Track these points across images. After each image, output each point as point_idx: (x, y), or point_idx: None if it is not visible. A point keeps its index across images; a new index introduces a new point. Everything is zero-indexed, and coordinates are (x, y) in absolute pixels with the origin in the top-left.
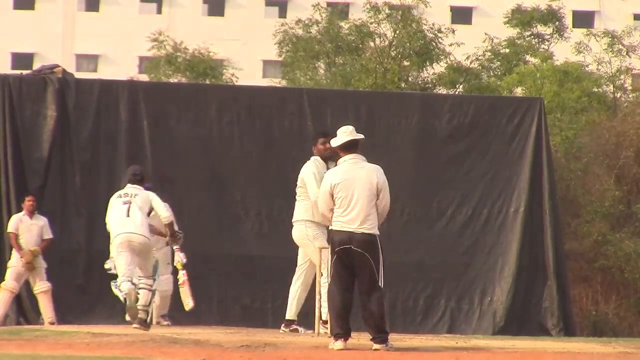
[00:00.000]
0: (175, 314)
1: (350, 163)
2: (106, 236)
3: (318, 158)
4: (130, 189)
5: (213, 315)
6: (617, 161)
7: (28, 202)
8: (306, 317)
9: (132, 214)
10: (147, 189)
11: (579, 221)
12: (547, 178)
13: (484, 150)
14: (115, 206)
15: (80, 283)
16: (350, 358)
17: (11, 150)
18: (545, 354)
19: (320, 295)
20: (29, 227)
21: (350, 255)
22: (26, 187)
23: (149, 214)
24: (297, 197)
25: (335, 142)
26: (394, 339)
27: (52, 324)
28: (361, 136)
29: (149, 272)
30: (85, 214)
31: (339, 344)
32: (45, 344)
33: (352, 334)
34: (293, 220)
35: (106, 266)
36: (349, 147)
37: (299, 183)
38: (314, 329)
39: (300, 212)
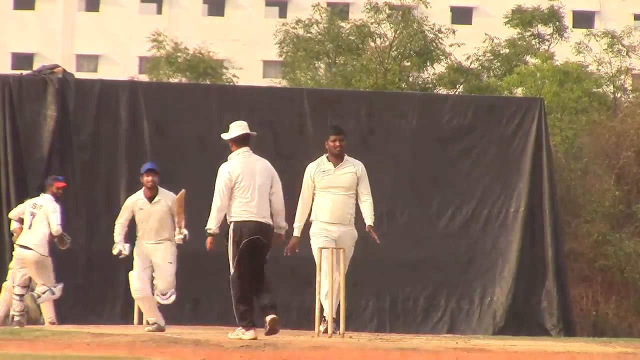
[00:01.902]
0: (176, 314)
1: (245, 156)
2: (106, 236)
3: (324, 156)
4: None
5: (213, 315)
6: (617, 161)
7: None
8: (307, 317)
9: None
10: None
11: (579, 221)
12: (547, 178)
13: (484, 151)
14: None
15: (80, 283)
16: (350, 358)
17: (11, 150)
18: (545, 354)
19: (319, 295)
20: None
21: (255, 244)
22: (26, 187)
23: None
24: None
25: (227, 136)
26: (394, 338)
27: (52, 323)
28: (254, 133)
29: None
30: (85, 214)
31: (251, 333)
32: (45, 344)
33: (351, 334)
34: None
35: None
36: (242, 140)
37: None
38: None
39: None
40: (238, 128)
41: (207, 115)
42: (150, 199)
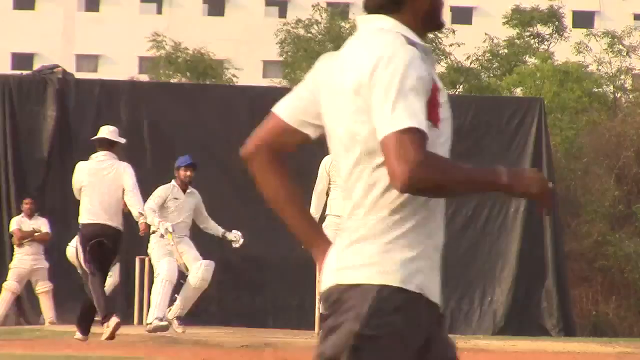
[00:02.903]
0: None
1: (100, 160)
2: None
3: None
4: None
5: (213, 315)
6: (617, 161)
7: (26, 205)
8: (307, 317)
9: None
10: None
11: (579, 221)
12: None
13: (484, 150)
14: None
15: (80, 283)
16: None
17: (11, 151)
18: (545, 354)
19: (320, 295)
20: (28, 229)
21: (101, 247)
22: (26, 187)
23: None
24: None
25: (96, 137)
26: None
27: (52, 323)
28: (122, 140)
29: None
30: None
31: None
32: (45, 344)
33: None
34: None
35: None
36: (104, 144)
37: None
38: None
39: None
40: (103, 131)
41: (207, 115)
42: (184, 191)
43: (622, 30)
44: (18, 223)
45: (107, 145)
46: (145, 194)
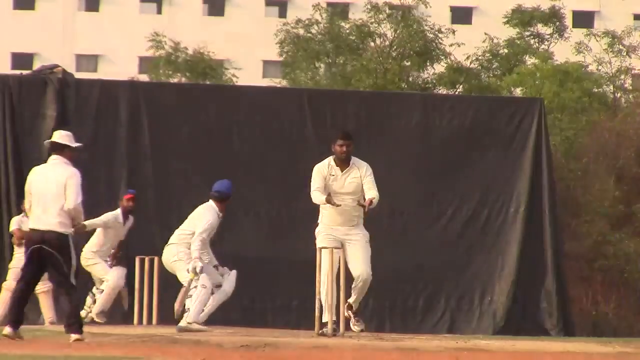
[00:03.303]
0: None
1: (50, 165)
2: None
3: (331, 158)
4: None
5: (213, 315)
6: (617, 161)
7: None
8: (307, 317)
9: None
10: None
11: (579, 221)
12: (546, 178)
13: (484, 151)
14: None
15: (80, 283)
16: (350, 358)
17: (11, 151)
18: (545, 354)
19: (319, 295)
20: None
21: (41, 253)
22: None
23: None
24: None
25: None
26: (394, 338)
27: (52, 323)
28: (74, 145)
29: None
30: (84, 214)
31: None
32: (45, 344)
33: (351, 334)
34: None
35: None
36: (55, 148)
37: None
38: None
39: None
40: (56, 135)
41: (207, 115)
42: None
43: (622, 30)
44: (18, 223)
45: (59, 149)
46: (146, 193)
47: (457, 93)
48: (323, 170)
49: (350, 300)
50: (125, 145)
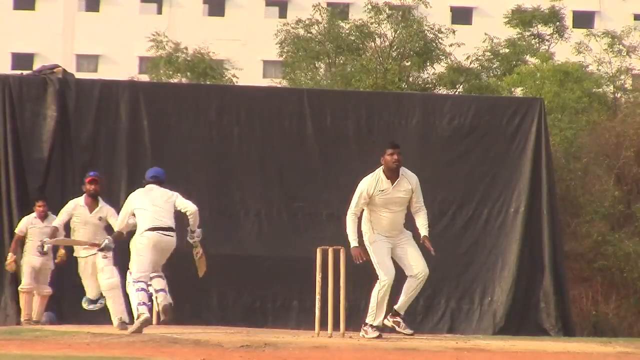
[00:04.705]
0: (176, 314)
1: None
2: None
3: (380, 170)
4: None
5: (213, 315)
6: (617, 161)
7: (39, 207)
8: (307, 317)
9: None
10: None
11: (579, 221)
12: (546, 178)
13: (484, 151)
14: None
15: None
16: (350, 358)
17: (11, 151)
18: (545, 354)
19: (320, 295)
20: (41, 230)
21: None
22: (26, 187)
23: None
24: None
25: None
26: (394, 338)
27: (36, 323)
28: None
29: None
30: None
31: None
32: (45, 344)
33: (351, 334)
34: None
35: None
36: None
37: None
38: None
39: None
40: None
41: (207, 115)
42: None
43: (622, 30)
44: (26, 224)
45: None
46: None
47: (457, 93)
48: (370, 189)
49: (398, 304)
50: (125, 145)
